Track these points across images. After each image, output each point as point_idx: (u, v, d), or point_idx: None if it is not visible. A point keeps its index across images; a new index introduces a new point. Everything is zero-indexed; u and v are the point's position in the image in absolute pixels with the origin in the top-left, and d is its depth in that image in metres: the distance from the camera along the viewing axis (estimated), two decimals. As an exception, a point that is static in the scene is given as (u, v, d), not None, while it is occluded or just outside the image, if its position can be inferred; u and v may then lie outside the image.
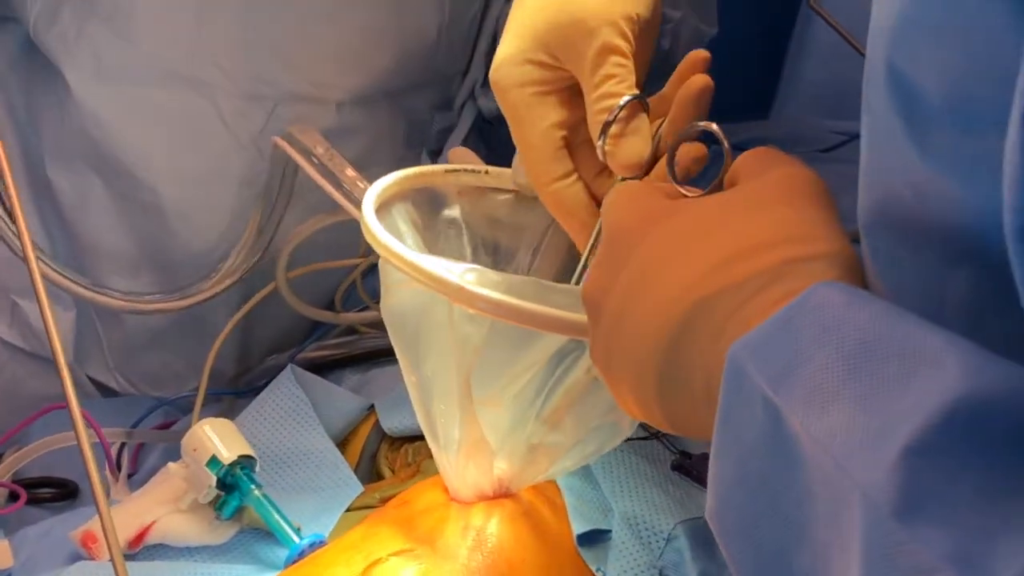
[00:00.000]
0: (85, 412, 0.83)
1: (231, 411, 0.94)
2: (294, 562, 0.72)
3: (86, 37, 0.90)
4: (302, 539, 0.74)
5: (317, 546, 0.73)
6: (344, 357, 0.99)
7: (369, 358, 0.98)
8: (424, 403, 0.63)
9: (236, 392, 1.02)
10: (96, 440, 0.83)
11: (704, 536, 0.69)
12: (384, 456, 0.85)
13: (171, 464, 0.78)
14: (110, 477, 0.87)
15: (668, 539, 0.69)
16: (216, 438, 0.77)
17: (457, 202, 0.70)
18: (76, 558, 0.75)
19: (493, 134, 1.12)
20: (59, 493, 0.91)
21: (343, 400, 0.90)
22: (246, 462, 0.77)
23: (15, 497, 0.83)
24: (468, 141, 1.10)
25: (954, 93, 0.33)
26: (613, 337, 0.45)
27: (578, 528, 0.69)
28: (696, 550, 0.69)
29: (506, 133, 0.64)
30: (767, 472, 0.36)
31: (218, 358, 0.97)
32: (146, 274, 0.99)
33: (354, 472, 0.83)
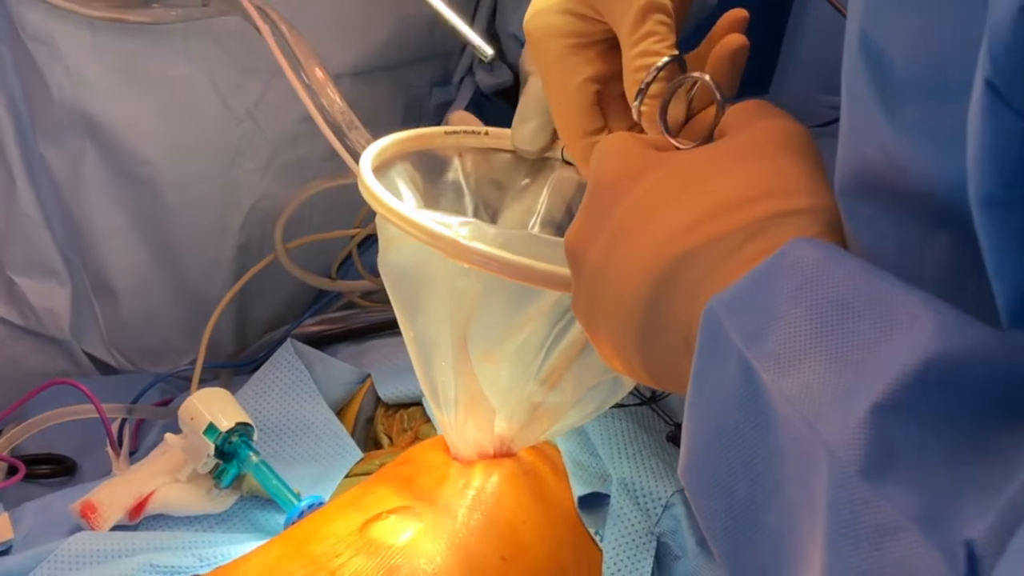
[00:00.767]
0: (85, 388, 0.84)
1: (229, 386, 0.94)
2: (294, 523, 0.71)
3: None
4: (301, 501, 0.74)
5: (316, 507, 0.73)
6: (341, 332, 0.99)
7: (366, 332, 0.98)
8: (423, 360, 0.63)
9: (234, 365, 1.02)
10: (96, 416, 0.83)
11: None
12: (380, 422, 0.85)
13: (169, 435, 0.78)
14: (111, 453, 0.87)
15: (666, 506, 0.69)
16: (214, 406, 0.76)
17: (458, 163, 0.70)
18: (76, 531, 0.75)
19: (491, 108, 1.12)
20: (58, 469, 0.91)
21: (341, 371, 0.89)
22: (244, 430, 0.77)
23: (14, 472, 0.83)
24: (466, 116, 1.10)
25: (923, 60, 0.32)
26: (595, 289, 0.45)
27: (579, 491, 0.69)
28: (693, 518, 0.68)
29: (504, 107, 0.63)
30: (740, 429, 0.35)
31: (216, 334, 0.97)
32: (142, 248, 0.98)
33: (350, 439, 0.82)
